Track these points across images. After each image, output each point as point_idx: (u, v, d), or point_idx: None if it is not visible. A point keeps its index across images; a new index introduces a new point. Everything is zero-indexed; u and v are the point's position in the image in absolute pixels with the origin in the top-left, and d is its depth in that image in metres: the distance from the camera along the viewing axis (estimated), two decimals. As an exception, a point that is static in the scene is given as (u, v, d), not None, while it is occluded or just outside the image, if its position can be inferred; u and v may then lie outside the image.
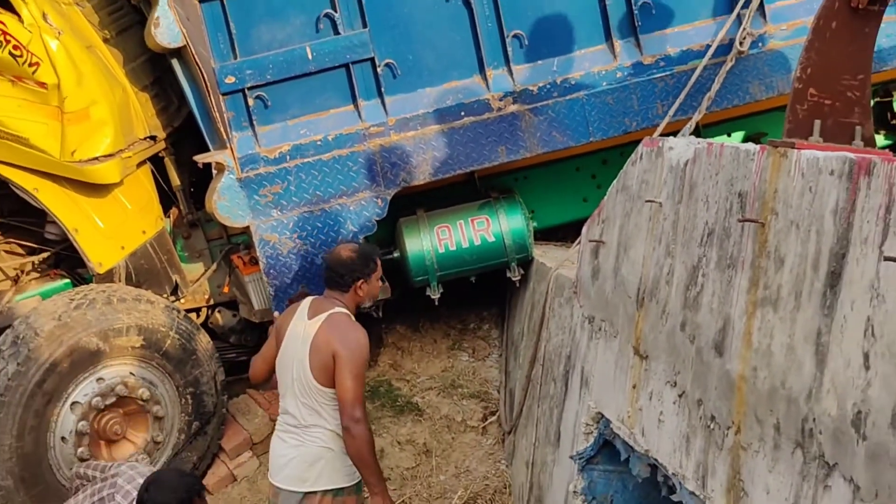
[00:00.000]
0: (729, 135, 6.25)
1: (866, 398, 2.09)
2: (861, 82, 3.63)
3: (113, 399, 5.64)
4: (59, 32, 5.64)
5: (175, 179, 6.45)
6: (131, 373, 5.68)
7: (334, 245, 5.66)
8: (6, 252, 6.24)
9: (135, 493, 4.24)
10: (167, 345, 5.76)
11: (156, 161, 6.38)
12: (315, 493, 4.55)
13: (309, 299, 4.69)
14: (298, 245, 5.70)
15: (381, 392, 6.45)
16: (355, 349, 4.43)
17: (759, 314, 2.61)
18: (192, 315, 6.32)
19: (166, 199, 6.47)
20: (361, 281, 4.65)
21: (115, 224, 6.06)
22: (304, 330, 4.52)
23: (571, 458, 4.02)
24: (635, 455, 3.47)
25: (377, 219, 5.73)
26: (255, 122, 5.62)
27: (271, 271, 5.74)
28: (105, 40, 6.13)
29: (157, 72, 6.33)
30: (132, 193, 6.15)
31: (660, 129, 5.44)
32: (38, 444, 5.51)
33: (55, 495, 5.43)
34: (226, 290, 6.51)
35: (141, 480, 4.27)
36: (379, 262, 4.76)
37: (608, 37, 5.66)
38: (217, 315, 6.54)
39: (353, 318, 4.59)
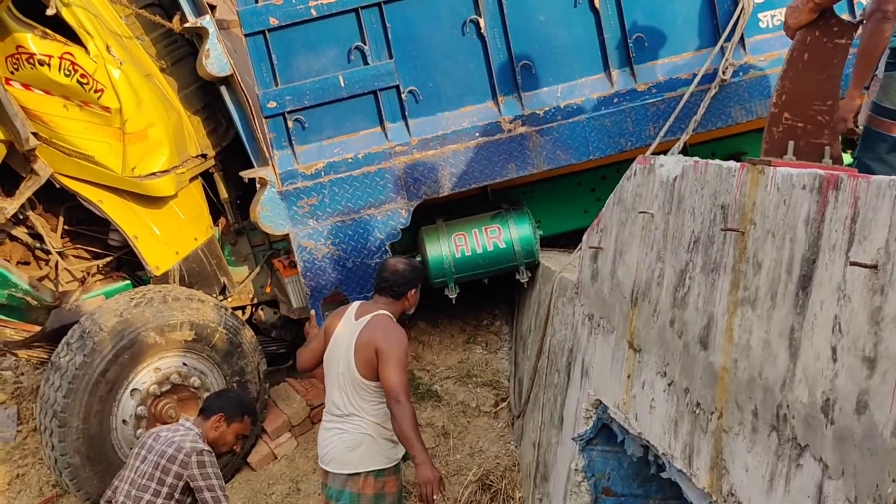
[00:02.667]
0: (713, 154, 6.23)
1: (834, 387, 2.10)
2: (830, 108, 3.63)
3: (168, 386, 5.68)
4: (120, 63, 5.67)
5: (223, 192, 6.48)
6: (184, 363, 5.72)
7: (364, 250, 5.69)
8: (74, 256, 6.29)
9: (169, 434, 4.30)
10: (216, 339, 5.79)
11: (206, 176, 6.42)
12: (358, 474, 4.56)
13: (356, 304, 4.71)
14: (332, 250, 5.72)
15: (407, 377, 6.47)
16: (395, 344, 4.43)
17: (739, 312, 2.61)
18: (238, 312, 6.36)
19: (215, 210, 6.50)
20: (413, 290, 4.70)
21: (171, 232, 6.11)
22: (350, 330, 4.54)
23: (573, 439, 4.02)
24: (629, 437, 3.47)
25: (402, 227, 5.74)
26: (293, 142, 5.64)
27: (308, 274, 5.76)
28: (162, 70, 6.18)
29: (207, 98, 6.37)
30: (185, 205, 6.19)
31: (652, 149, 5.43)
32: (102, 426, 5.55)
33: (117, 471, 5.46)
34: (268, 290, 6.53)
35: (175, 432, 4.33)
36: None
37: (606, 66, 5.66)
38: (260, 312, 6.57)
39: (395, 320, 4.61)
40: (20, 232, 6.02)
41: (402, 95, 5.61)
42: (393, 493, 4.68)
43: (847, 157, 5.94)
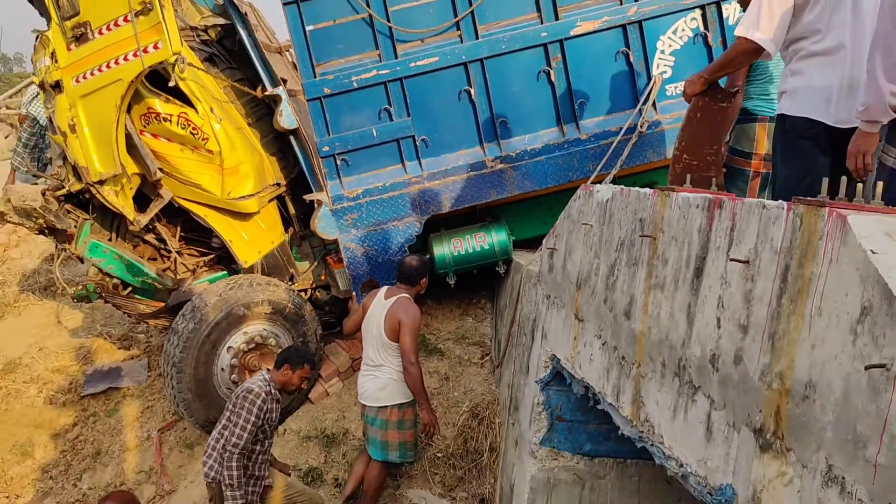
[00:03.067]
0: (634, 183, 6.20)
1: (719, 346, 2.10)
2: (715, 151, 3.64)
3: (253, 345, 5.68)
4: (220, 119, 5.68)
5: (292, 210, 6.47)
6: (265, 329, 5.71)
7: (390, 252, 5.69)
8: (188, 254, 6.29)
9: (249, 383, 4.24)
10: (287, 311, 5.79)
11: (280, 198, 6.42)
12: (386, 406, 4.60)
13: (385, 288, 4.79)
14: (367, 251, 5.72)
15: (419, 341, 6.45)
16: (413, 318, 4.50)
17: (652, 294, 2.61)
18: (302, 293, 6.36)
19: (286, 222, 6.50)
20: (424, 279, 4.75)
21: (255, 237, 6.11)
22: (380, 307, 4.61)
23: (536, 382, 4.02)
24: (575, 380, 3.47)
25: (416, 234, 5.73)
26: (341, 175, 5.63)
27: (351, 266, 5.76)
28: (249, 124, 6.17)
29: (280, 144, 6.37)
30: (265, 218, 6.19)
31: (591, 179, 5.41)
32: (207, 372, 5.56)
33: (217, 404, 5.48)
34: (322, 278, 6.53)
35: (255, 379, 4.28)
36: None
37: (559, 122, 5.65)
38: (317, 293, 6.57)
39: (413, 300, 4.66)
40: (150, 237, 6.03)
41: (417, 142, 5.60)
42: (410, 420, 4.69)
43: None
